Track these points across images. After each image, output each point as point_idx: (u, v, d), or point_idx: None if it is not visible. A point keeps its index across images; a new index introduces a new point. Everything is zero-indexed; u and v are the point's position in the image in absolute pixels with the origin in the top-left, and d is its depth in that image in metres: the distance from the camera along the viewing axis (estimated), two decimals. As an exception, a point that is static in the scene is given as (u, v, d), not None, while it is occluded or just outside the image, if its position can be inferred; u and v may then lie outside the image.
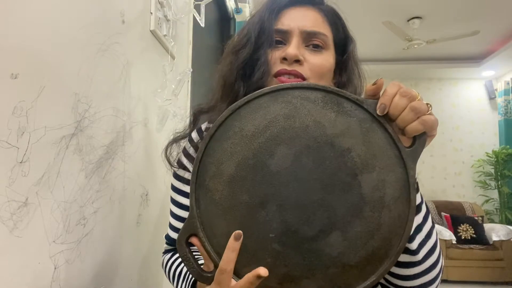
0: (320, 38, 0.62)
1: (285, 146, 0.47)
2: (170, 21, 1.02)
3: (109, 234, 0.70)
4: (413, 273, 0.53)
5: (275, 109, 0.48)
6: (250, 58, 0.61)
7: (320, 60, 0.61)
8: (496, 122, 5.32)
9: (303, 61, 0.60)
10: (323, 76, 0.62)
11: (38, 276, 0.51)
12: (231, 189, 0.47)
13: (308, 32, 0.61)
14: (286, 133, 0.47)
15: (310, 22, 0.62)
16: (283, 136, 0.47)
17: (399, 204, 0.46)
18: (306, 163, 0.46)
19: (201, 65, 1.49)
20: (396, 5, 3.67)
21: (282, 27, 0.62)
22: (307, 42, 0.62)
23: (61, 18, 0.56)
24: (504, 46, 4.44)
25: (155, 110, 0.96)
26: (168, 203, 0.72)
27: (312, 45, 0.62)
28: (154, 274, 0.96)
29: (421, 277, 0.53)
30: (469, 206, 4.71)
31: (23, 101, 0.47)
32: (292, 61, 0.59)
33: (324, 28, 0.63)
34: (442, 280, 0.76)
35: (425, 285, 0.53)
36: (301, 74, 0.59)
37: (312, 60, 0.61)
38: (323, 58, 0.62)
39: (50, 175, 0.53)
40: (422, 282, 0.53)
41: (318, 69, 0.61)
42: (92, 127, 0.64)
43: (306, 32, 0.61)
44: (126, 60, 0.77)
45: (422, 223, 0.52)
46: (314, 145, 0.47)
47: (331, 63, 0.63)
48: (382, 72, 5.37)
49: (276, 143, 0.47)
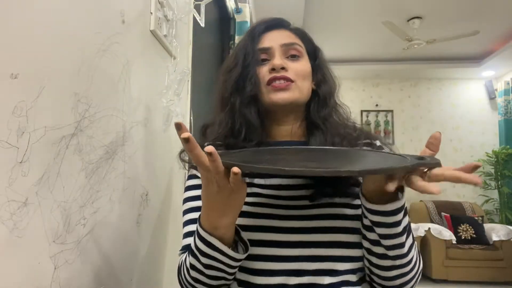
0: (296, 48, 0.76)
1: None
2: (170, 21, 1.02)
3: (109, 234, 0.70)
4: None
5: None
6: (240, 75, 0.73)
7: (301, 66, 0.75)
8: (496, 122, 5.33)
9: (287, 68, 0.73)
10: (305, 77, 0.76)
11: (38, 276, 0.51)
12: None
13: (287, 44, 0.75)
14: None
15: (286, 38, 0.77)
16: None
17: None
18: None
19: (201, 65, 1.49)
20: (396, 5, 3.67)
21: (264, 46, 0.75)
22: (287, 54, 0.75)
23: (61, 18, 0.56)
24: (504, 46, 4.45)
25: (158, 110, 0.96)
26: (169, 203, 0.72)
27: (291, 55, 0.75)
28: (154, 274, 0.96)
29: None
30: (469, 206, 4.71)
31: (23, 101, 0.47)
32: (279, 69, 0.72)
33: (297, 40, 0.78)
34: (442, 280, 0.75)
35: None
36: (289, 77, 0.72)
37: (294, 66, 0.74)
38: (302, 64, 0.76)
39: (50, 175, 0.53)
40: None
41: (301, 73, 0.74)
42: (92, 127, 0.64)
43: (285, 44, 0.75)
44: (126, 60, 0.77)
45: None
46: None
47: (308, 67, 0.77)
48: (382, 72, 5.38)
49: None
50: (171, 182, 1.09)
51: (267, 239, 0.65)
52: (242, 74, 0.73)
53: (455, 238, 4.16)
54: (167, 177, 1.06)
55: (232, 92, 0.73)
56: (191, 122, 1.30)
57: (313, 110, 0.77)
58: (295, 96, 0.73)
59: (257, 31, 0.77)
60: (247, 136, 0.71)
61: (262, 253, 0.64)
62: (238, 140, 0.71)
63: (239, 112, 0.72)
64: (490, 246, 4.12)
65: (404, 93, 5.56)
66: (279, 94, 0.72)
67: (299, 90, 0.73)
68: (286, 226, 0.66)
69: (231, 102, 0.73)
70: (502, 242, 4.06)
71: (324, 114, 0.76)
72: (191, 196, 0.74)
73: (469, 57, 5.00)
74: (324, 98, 0.77)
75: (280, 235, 0.65)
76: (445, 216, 4.50)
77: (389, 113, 5.56)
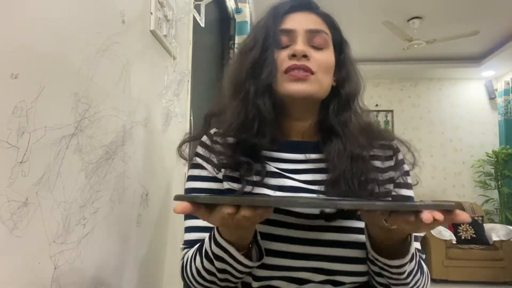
0: (322, 36, 0.68)
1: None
2: (170, 21, 1.02)
3: (109, 234, 0.70)
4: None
5: None
6: (258, 59, 0.66)
7: (325, 57, 0.68)
8: (496, 122, 5.32)
9: (310, 57, 0.66)
10: (328, 71, 0.68)
11: (38, 276, 0.51)
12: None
13: (312, 30, 0.68)
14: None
15: (312, 23, 0.69)
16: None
17: None
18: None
19: (201, 65, 1.49)
20: (396, 5, 3.67)
21: (287, 27, 0.68)
22: (311, 41, 0.68)
23: (61, 18, 0.56)
24: (504, 46, 4.44)
25: (158, 110, 0.96)
26: (169, 203, 0.72)
27: (315, 44, 0.68)
28: (154, 274, 0.96)
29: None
30: (469, 206, 4.70)
31: (23, 101, 0.47)
32: (301, 57, 0.65)
33: (325, 28, 0.70)
34: (442, 280, 0.76)
35: None
36: (310, 68, 0.65)
37: (317, 57, 0.67)
38: (326, 55, 0.68)
39: (50, 175, 0.53)
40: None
41: (324, 64, 0.67)
42: (92, 127, 0.64)
43: (310, 30, 0.68)
44: (126, 60, 0.77)
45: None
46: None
47: (333, 60, 0.70)
48: (382, 72, 5.37)
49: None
50: (171, 182, 1.09)
51: (273, 249, 0.63)
52: (260, 59, 0.66)
53: (455, 238, 4.16)
54: (167, 177, 1.06)
55: (246, 78, 0.66)
56: (191, 122, 1.30)
57: (332, 112, 0.69)
58: (313, 90, 0.65)
59: (280, 10, 0.69)
60: (260, 130, 0.65)
61: (265, 262, 0.62)
62: (250, 135, 0.65)
63: (252, 103, 0.65)
64: (490, 246, 4.12)
65: (404, 93, 5.56)
66: (296, 85, 0.65)
67: (318, 84, 0.66)
68: (293, 236, 0.63)
69: (245, 89, 0.66)
70: (502, 242, 4.05)
71: (344, 118, 0.68)
72: (193, 188, 0.71)
73: (469, 57, 4.99)
74: (346, 99, 0.69)
75: (285, 245, 0.63)
76: (445, 216, 4.49)
77: (389, 113, 5.56)
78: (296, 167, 0.70)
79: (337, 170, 0.65)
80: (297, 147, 0.71)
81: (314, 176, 0.69)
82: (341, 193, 0.63)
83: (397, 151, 0.73)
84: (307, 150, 0.70)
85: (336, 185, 0.64)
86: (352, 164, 0.65)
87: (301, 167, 0.70)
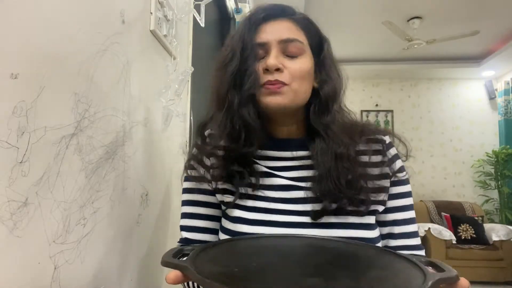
0: (295, 44, 0.68)
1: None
2: (170, 21, 1.02)
3: (109, 234, 0.70)
4: None
5: None
6: (238, 70, 0.67)
7: (298, 65, 0.68)
8: (496, 122, 5.32)
9: (283, 69, 0.66)
10: (304, 78, 0.68)
11: (38, 276, 0.51)
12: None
13: (285, 39, 0.68)
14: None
15: (285, 32, 0.69)
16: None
17: None
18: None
19: (201, 65, 1.48)
20: (396, 5, 3.67)
21: (261, 41, 0.68)
22: (285, 51, 0.68)
23: (61, 18, 0.56)
24: (504, 46, 4.44)
25: (158, 110, 0.96)
26: (169, 203, 0.72)
27: (289, 53, 0.68)
28: (154, 274, 0.96)
29: None
30: (469, 206, 4.71)
31: (23, 101, 0.47)
32: (273, 70, 0.66)
33: (299, 35, 0.70)
34: (442, 280, 0.73)
35: None
36: (282, 81, 0.66)
37: (292, 66, 0.67)
38: (301, 63, 0.68)
39: (50, 175, 0.53)
40: None
41: (298, 74, 0.67)
42: (92, 127, 0.64)
43: (283, 40, 0.68)
44: (126, 60, 0.77)
45: None
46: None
47: (309, 66, 0.69)
48: (382, 72, 5.38)
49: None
50: (171, 182, 1.09)
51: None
52: (240, 70, 0.67)
53: (455, 238, 4.16)
54: (167, 177, 1.06)
55: (229, 89, 0.67)
56: (191, 122, 1.30)
57: (313, 115, 0.70)
58: (287, 101, 0.66)
59: (254, 21, 0.70)
60: (247, 139, 0.67)
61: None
62: (238, 145, 0.67)
63: (237, 113, 0.66)
64: (490, 246, 4.12)
65: (404, 93, 5.56)
66: (270, 98, 0.66)
67: (293, 93, 0.67)
68: (281, 234, 0.64)
69: (229, 100, 0.67)
70: (502, 242, 4.05)
71: (325, 120, 0.69)
72: (185, 200, 0.77)
73: (469, 57, 4.99)
74: (325, 101, 0.69)
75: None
76: (445, 216, 4.50)
77: (389, 113, 5.56)
78: (284, 164, 0.72)
79: (322, 167, 0.67)
80: (283, 144, 0.73)
81: (302, 173, 0.70)
82: (329, 190, 0.65)
83: (389, 146, 0.74)
84: (294, 148, 0.72)
85: (322, 182, 0.66)
86: (337, 163, 0.66)
87: (289, 164, 0.72)
